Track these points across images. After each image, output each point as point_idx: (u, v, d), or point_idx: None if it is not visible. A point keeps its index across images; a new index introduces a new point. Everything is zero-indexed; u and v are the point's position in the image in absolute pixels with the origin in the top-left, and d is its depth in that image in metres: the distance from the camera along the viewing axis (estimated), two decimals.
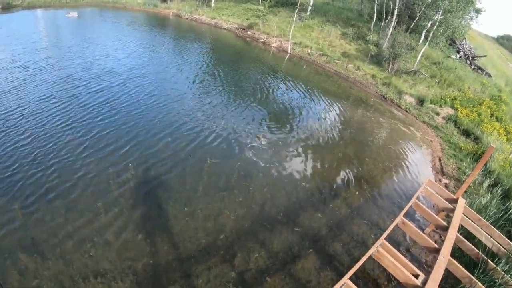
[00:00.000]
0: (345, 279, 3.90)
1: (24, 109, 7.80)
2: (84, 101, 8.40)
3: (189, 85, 10.41)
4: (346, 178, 6.66)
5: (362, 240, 5.23)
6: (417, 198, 5.25)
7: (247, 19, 21.08)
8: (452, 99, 12.98)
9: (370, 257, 4.15)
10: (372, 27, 18.68)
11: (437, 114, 12.14)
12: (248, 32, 18.78)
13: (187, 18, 23.02)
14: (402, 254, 4.67)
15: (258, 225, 5.36)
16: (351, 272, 4.07)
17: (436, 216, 5.08)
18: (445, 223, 4.87)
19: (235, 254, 4.83)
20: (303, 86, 11.22)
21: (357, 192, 6.27)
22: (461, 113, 11.90)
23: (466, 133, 10.77)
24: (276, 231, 5.25)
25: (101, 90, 9.07)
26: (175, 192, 6.06)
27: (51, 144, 6.71)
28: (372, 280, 4.65)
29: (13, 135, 6.88)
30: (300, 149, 7.49)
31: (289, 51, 16.07)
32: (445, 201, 5.28)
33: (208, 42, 16.77)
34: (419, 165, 8.04)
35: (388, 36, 16.51)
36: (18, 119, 7.38)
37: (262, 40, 17.76)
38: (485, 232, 4.91)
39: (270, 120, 8.67)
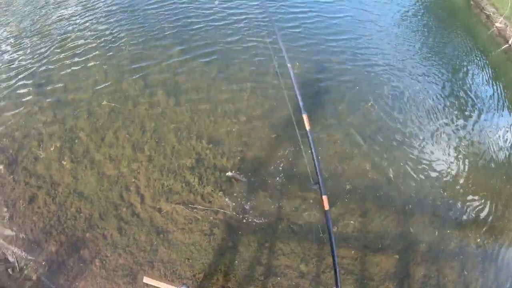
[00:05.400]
0: None
1: None
2: None
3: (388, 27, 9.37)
4: (484, 217, 5.42)
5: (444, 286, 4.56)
6: None
7: None
8: None
9: None
10: None
11: None
12: None
13: None
14: None
15: (374, 195, 5.07)
16: None
17: None
18: None
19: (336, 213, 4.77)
20: (501, 89, 8.58)
21: (485, 242, 5.17)
22: None
23: None
24: (383, 211, 4.92)
25: None
26: (325, 109, 6.10)
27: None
28: None
29: None
30: (461, 149, 6.33)
31: (510, 42, 12.07)
32: None
33: None
34: None
35: None
36: None
37: (487, 12, 13.47)
38: None
39: (445, 101, 7.27)
